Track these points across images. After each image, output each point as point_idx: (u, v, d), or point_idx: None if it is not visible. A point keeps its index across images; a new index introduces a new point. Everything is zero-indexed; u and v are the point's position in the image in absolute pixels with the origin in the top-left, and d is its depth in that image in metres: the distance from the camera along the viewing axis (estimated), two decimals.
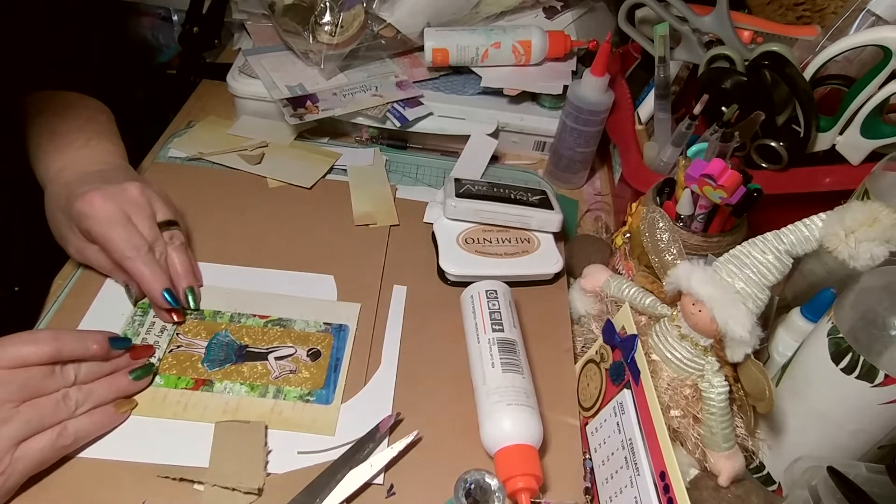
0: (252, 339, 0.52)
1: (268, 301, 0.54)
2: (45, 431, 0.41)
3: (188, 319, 0.52)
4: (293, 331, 0.53)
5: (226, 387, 0.48)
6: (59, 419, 0.42)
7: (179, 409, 0.47)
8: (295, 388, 0.49)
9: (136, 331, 0.51)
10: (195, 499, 0.42)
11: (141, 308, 0.53)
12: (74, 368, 0.43)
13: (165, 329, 0.51)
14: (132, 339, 0.48)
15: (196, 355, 0.50)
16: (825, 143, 0.55)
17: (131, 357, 0.47)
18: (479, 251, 0.59)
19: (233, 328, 0.52)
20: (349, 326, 0.53)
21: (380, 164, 0.71)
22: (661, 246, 0.47)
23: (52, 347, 0.41)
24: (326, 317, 0.54)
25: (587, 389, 0.51)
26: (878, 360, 0.39)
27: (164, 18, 0.89)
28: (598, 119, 0.67)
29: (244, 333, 0.52)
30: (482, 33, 0.74)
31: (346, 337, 0.53)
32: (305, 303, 0.55)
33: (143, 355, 0.48)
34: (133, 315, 0.52)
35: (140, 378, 0.47)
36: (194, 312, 0.53)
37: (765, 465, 0.48)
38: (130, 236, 0.49)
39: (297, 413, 0.47)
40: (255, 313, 0.53)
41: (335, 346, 0.52)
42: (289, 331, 0.53)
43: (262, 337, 0.52)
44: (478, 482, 0.38)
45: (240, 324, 0.52)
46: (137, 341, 0.50)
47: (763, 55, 0.53)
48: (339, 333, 0.53)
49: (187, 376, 0.49)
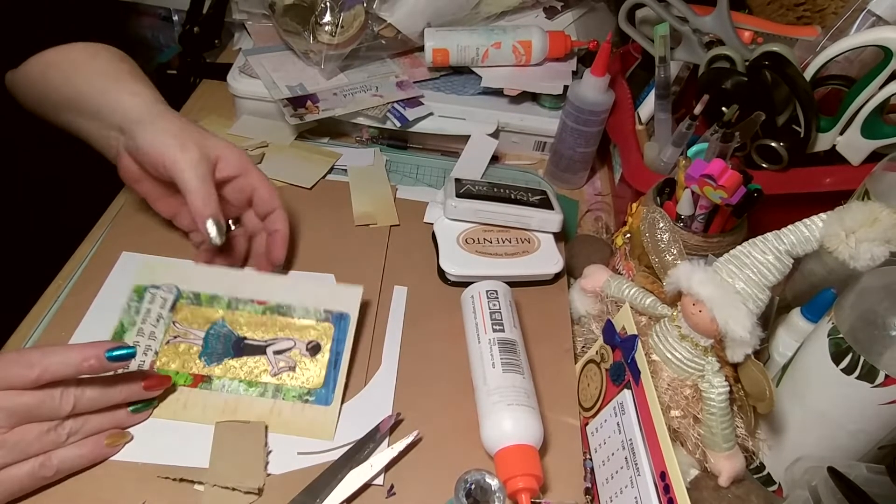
0: (250, 329, 0.51)
1: (267, 285, 0.53)
2: (27, 461, 0.39)
3: (184, 304, 0.51)
4: (292, 320, 0.52)
5: (224, 384, 0.48)
6: (45, 449, 0.40)
7: (179, 407, 0.46)
8: (294, 388, 0.48)
9: (133, 319, 0.50)
10: (195, 499, 0.42)
11: (136, 293, 0.52)
12: (76, 395, 0.40)
13: (161, 318, 0.51)
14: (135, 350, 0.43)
15: (194, 347, 0.49)
16: (825, 144, 0.55)
17: (145, 387, 0.44)
18: (479, 251, 0.59)
19: (230, 317, 0.51)
20: (350, 316, 0.52)
21: (380, 164, 0.71)
22: (662, 246, 0.47)
23: (40, 368, 0.38)
24: (327, 303, 0.52)
25: (587, 390, 0.51)
26: (878, 360, 0.39)
27: (164, 18, 0.89)
28: (598, 119, 0.67)
29: (242, 323, 0.51)
30: (482, 33, 0.74)
31: (346, 328, 0.51)
32: (306, 287, 0.53)
33: (159, 386, 0.45)
34: (129, 302, 0.51)
35: (139, 412, 0.45)
36: (191, 297, 0.52)
37: (765, 466, 0.48)
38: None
39: (295, 414, 0.47)
40: (253, 298, 0.52)
41: (335, 339, 0.51)
42: (288, 320, 0.51)
43: (260, 327, 0.51)
44: (478, 482, 0.38)
45: (237, 310, 0.51)
46: (133, 331, 0.49)
47: (763, 55, 0.53)
48: (339, 323, 0.52)
49: (185, 371, 0.48)
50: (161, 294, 0.52)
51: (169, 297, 0.52)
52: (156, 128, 0.49)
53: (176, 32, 0.88)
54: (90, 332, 0.50)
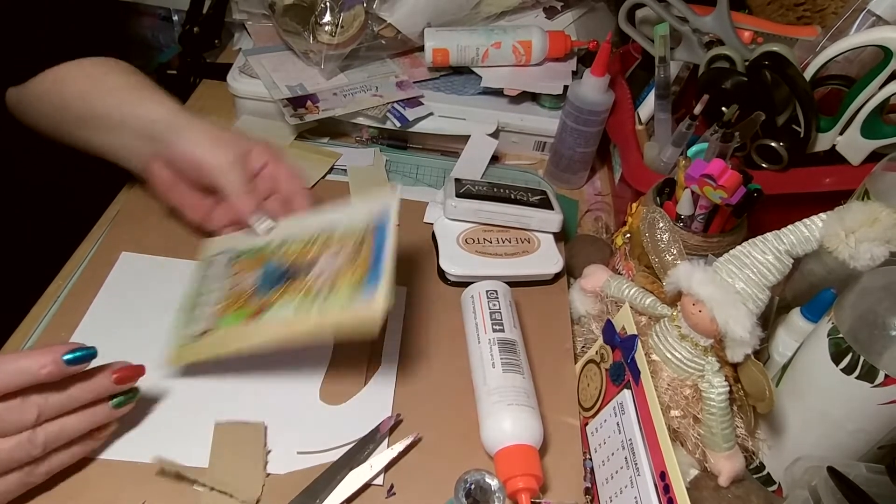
0: (298, 257, 0.51)
1: (309, 219, 0.53)
2: (11, 474, 0.38)
3: (240, 259, 0.53)
4: (335, 235, 0.51)
5: (277, 311, 0.47)
6: (23, 462, 0.38)
7: (240, 342, 0.46)
8: (339, 292, 0.46)
9: (198, 290, 0.52)
10: (195, 499, 0.42)
11: (200, 266, 0.54)
12: (39, 403, 0.37)
13: (220, 276, 0.52)
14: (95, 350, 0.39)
15: (249, 289, 0.50)
16: (825, 144, 0.55)
17: (116, 380, 0.41)
18: (479, 251, 0.59)
19: (279, 253, 0.52)
20: (390, 210, 0.50)
21: (380, 164, 0.71)
22: (662, 246, 0.47)
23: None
24: (365, 208, 0.52)
25: (587, 390, 0.51)
26: (878, 360, 0.39)
27: (164, 18, 0.89)
28: (598, 119, 0.67)
29: (290, 254, 0.51)
30: (482, 33, 0.74)
31: (386, 223, 0.50)
32: (345, 207, 0.53)
33: (129, 378, 0.42)
34: (194, 275, 0.53)
35: (122, 405, 0.42)
36: (244, 252, 0.53)
37: (765, 466, 0.48)
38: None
39: (341, 316, 0.45)
40: (298, 234, 0.53)
41: (376, 236, 0.49)
42: (331, 236, 0.51)
43: (307, 251, 0.51)
44: (478, 482, 0.38)
45: (285, 247, 0.52)
46: (198, 300, 0.51)
47: (763, 55, 0.53)
48: (379, 221, 0.50)
49: (244, 312, 0.48)
50: (219, 258, 0.54)
51: (224, 258, 0.54)
52: (189, 133, 0.51)
53: (176, 32, 0.88)
54: (90, 332, 0.50)
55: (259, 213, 0.52)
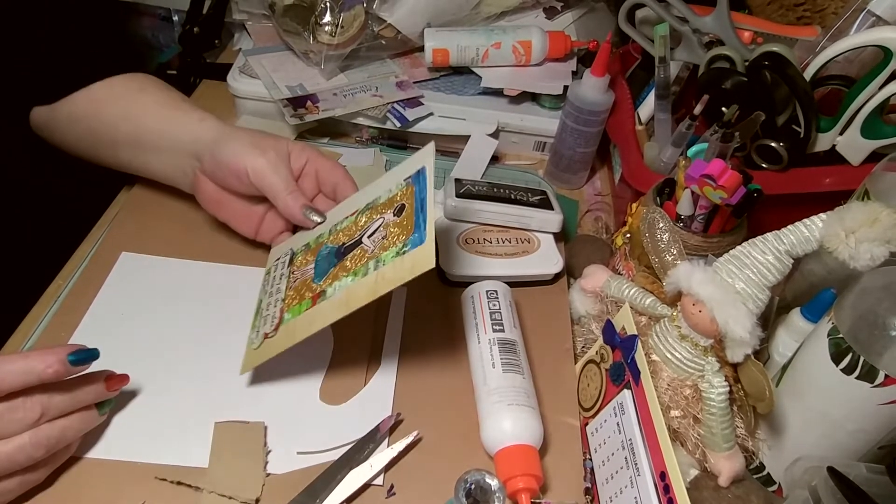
0: (348, 235, 0.51)
1: (353, 199, 0.54)
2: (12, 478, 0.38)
3: (298, 256, 0.54)
4: (379, 204, 0.52)
5: (335, 288, 0.48)
6: (24, 466, 0.38)
7: (305, 326, 0.47)
8: (390, 250, 0.47)
9: (267, 290, 0.53)
10: (194, 499, 0.42)
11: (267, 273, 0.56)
12: (43, 402, 0.38)
13: (283, 276, 0.53)
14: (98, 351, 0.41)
15: (308, 277, 0.51)
16: (825, 144, 0.55)
17: (108, 387, 0.42)
18: (479, 251, 0.59)
19: (330, 238, 0.53)
20: (426, 167, 0.50)
21: (380, 164, 0.71)
22: (662, 246, 0.47)
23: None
24: (403, 173, 0.52)
25: (587, 390, 0.51)
26: (878, 360, 0.39)
27: (164, 18, 0.89)
28: (598, 119, 0.67)
29: (341, 236, 0.52)
30: (482, 33, 0.74)
31: (424, 178, 0.50)
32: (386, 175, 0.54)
33: (118, 385, 0.43)
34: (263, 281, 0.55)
35: (104, 414, 0.43)
36: (301, 248, 0.54)
37: (765, 466, 0.49)
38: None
39: (396, 269, 0.45)
40: (346, 215, 0.53)
41: (417, 191, 0.50)
42: (376, 206, 0.52)
43: (355, 227, 0.52)
44: (478, 482, 0.38)
45: (335, 230, 0.53)
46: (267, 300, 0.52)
47: (763, 55, 0.53)
48: (418, 179, 0.50)
49: (306, 299, 0.49)
50: (279, 262, 0.55)
51: (285, 260, 0.55)
52: (233, 143, 0.52)
53: (176, 32, 0.88)
54: (90, 332, 0.50)
55: (308, 206, 0.53)
